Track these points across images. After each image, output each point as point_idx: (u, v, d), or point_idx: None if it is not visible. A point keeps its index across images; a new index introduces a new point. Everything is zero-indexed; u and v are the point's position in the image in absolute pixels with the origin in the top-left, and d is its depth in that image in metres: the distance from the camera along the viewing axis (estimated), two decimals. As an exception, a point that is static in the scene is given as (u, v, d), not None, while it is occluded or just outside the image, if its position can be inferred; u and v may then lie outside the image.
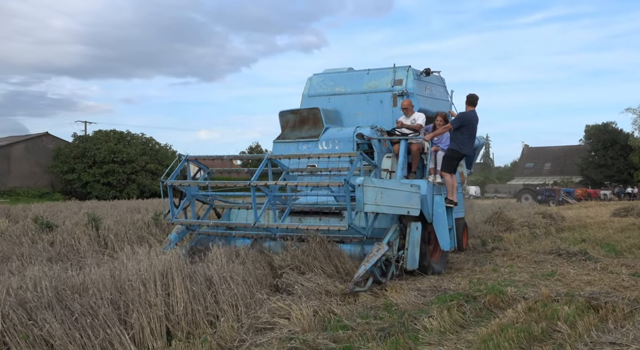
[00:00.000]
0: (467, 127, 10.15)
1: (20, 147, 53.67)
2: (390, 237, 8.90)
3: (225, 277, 7.22)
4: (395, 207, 8.78)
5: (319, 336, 6.03)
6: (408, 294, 8.00)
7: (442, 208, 9.95)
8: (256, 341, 5.97)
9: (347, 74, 12.13)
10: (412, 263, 9.16)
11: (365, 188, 7.96)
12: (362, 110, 11.56)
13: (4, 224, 13.97)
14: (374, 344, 5.85)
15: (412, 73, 11.25)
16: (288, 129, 11.48)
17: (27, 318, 5.29)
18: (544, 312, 6.93)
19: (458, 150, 10.13)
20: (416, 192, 9.21)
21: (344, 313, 7.06)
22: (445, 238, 9.92)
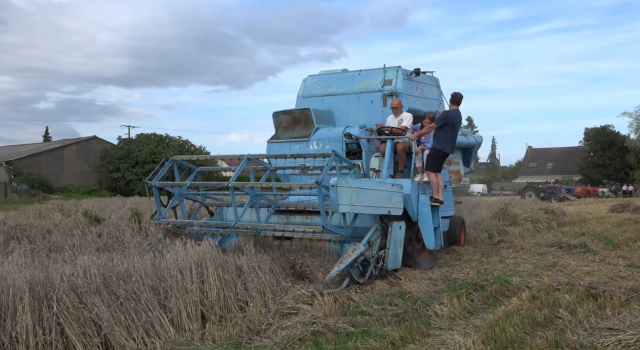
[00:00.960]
0: (449, 126, 9.33)
1: (72, 149, 54.54)
2: (370, 236, 8.21)
3: (254, 267, 7.24)
4: (375, 207, 8.09)
5: (339, 321, 6.02)
6: (420, 283, 7.95)
7: (427, 207, 9.14)
8: (282, 325, 5.98)
9: (339, 75, 11.43)
10: (394, 262, 8.41)
11: (339, 188, 7.33)
12: (354, 110, 10.86)
13: (57, 218, 14.17)
14: (390, 328, 5.83)
15: (402, 73, 10.51)
16: (281, 129, 10.88)
17: (78, 302, 5.34)
18: (546, 300, 6.86)
19: (441, 149, 9.33)
20: (398, 192, 8.46)
21: (361, 300, 7.04)
22: (430, 237, 9.11)
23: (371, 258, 8.03)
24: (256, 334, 5.75)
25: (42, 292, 5.20)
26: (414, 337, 5.58)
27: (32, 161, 52.27)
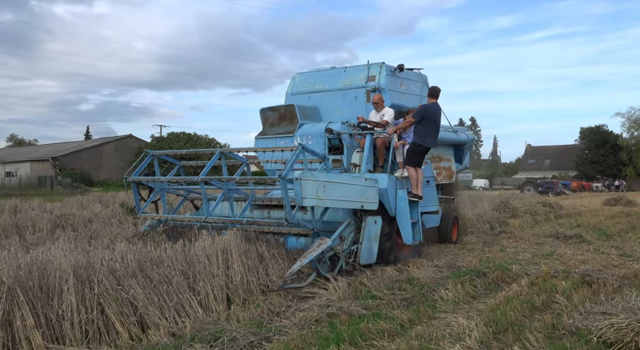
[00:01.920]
0: (428, 120, 8.48)
1: (110, 147, 55.25)
2: (342, 231, 7.51)
3: (274, 254, 7.25)
4: (345, 201, 7.42)
5: (352, 304, 6.01)
6: (427, 270, 7.91)
7: (405, 202, 8.41)
8: (300, 307, 5.99)
9: (326, 72, 10.57)
10: (368, 257, 7.76)
11: (303, 182, 6.65)
12: (339, 106, 10.02)
13: (97, 208, 14.32)
14: (399, 311, 5.81)
15: (385, 69, 9.63)
16: (268, 125, 10.15)
17: (116, 284, 5.39)
18: (544, 286, 6.79)
19: (420, 143, 8.48)
20: (373, 186, 7.81)
21: (372, 285, 7.02)
22: (408, 232, 8.38)
23: (341, 253, 7.32)
24: (276, 315, 5.77)
25: (84, 275, 5.25)
26: (421, 319, 5.56)
27: (74, 157, 53.08)
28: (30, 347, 4.36)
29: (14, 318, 4.45)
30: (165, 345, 4.63)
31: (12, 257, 5.43)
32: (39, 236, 10.37)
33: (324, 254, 6.98)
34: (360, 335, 4.94)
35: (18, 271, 4.95)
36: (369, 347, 4.74)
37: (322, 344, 4.72)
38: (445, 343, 4.74)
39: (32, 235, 10.59)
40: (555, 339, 4.93)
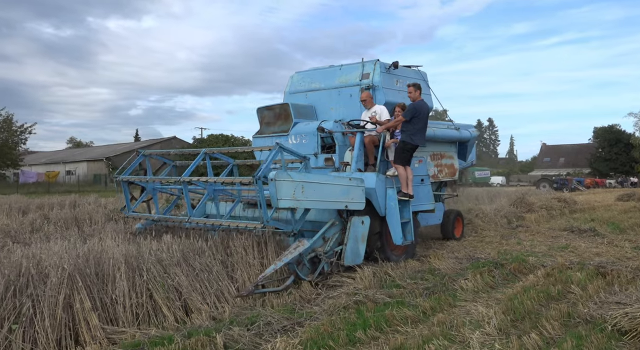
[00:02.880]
0: (418, 118, 7.72)
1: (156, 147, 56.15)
2: (325, 232, 6.79)
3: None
4: (327, 202, 6.67)
5: (377, 292, 5.97)
6: (448, 261, 7.80)
7: (395, 201, 7.58)
8: (329, 295, 5.98)
9: (322, 70, 9.75)
10: (353, 258, 6.95)
11: (278, 182, 5.98)
12: (335, 104, 9.22)
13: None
14: (421, 299, 5.74)
15: (379, 66, 8.77)
16: (264, 124, 9.42)
17: (163, 272, 5.47)
18: (559, 277, 6.61)
19: (409, 141, 7.70)
20: (358, 186, 7.02)
21: (396, 275, 6.96)
22: (398, 232, 7.54)
23: (322, 255, 6.57)
24: (307, 302, 5.77)
25: (134, 264, 5.35)
26: (443, 307, 5.48)
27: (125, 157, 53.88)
28: (88, 327, 4.47)
29: (74, 301, 4.57)
30: (206, 328, 4.68)
31: (71, 247, 5.58)
32: (94, 228, 10.63)
33: (302, 256, 6.30)
34: (385, 321, 4.90)
35: (77, 260, 5.08)
36: (394, 332, 4.70)
37: (349, 328, 4.71)
38: (466, 329, 4.66)
39: (89, 227, 10.86)
40: (571, 327, 4.80)
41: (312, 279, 6.40)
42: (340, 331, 4.62)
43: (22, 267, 4.65)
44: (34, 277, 4.61)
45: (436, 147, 9.69)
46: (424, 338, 4.43)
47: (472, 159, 11.74)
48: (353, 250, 6.96)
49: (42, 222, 11.17)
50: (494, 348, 4.20)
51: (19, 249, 5.34)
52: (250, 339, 4.47)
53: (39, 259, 4.97)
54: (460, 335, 4.55)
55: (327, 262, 6.65)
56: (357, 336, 4.53)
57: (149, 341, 4.32)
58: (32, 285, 4.52)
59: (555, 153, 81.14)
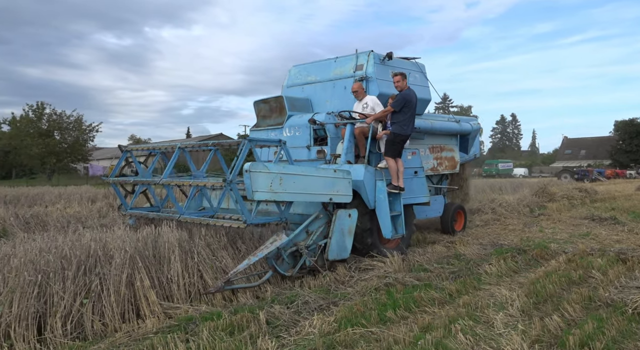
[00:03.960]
0: (408, 107, 6.96)
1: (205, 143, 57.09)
2: (308, 225, 6.10)
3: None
4: (309, 194, 5.94)
5: (406, 276, 5.90)
6: (472, 247, 7.64)
7: (384, 194, 6.83)
8: (361, 277, 5.95)
9: (318, 63, 8.90)
10: (339, 252, 6.29)
11: (253, 174, 5.28)
12: (330, 97, 8.43)
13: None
14: (448, 282, 5.64)
15: (373, 57, 7.94)
16: (260, 117, 8.70)
17: (211, 255, 5.56)
18: (581, 263, 6.36)
19: (399, 132, 6.94)
20: (344, 178, 6.31)
21: (424, 260, 6.86)
22: (387, 225, 6.79)
23: (304, 249, 5.89)
24: (341, 284, 5.76)
25: (187, 247, 5.46)
26: (468, 290, 5.37)
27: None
28: (147, 303, 4.60)
29: (135, 279, 4.71)
30: (251, 306, 4.75)
31: (132, 232, 5.75)
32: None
33: (281, 251, 5.67)
34: (413, 302, 4.84)
35: (137, 243, 5.23)
36: (422, 312, 4.64)
37: (380, 308, 4.67)
38: (490, 311, 4.55)
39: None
40: (592, 310, 4.61)
41: (292, 274, 5.75)
42: (372, 311, 4.59)
43: (90, 249, 4.83)
44: (101, 258, 4.78)
45: (435, 139, 9.04)
46: (450, 318, 4.35)
47: (476, 152, 10.90)
48: (338, 244, 6.30)
49: (108, 210, 11.57)
50: (517, 328, 4.09)
51: (88, 233, 5.54)
52: (289, 316, 4.51)
53: (105, 242, 5.14)
54: (485, 316, 4.45)
55: (308, 256, 5.94)
56: (388, 315, 4.50)
57: (200, 316, 4.41)
58: (99, 265, 4.69)
59: (576, 145, 77.95)
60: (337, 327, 4.20)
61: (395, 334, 3.98)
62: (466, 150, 10.00)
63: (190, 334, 4.00)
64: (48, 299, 4.18)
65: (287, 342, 3.96)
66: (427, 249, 7.54)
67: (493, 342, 3.87)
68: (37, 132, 36.64)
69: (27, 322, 3.90)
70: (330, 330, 4.13)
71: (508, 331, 4.08)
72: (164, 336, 3.90)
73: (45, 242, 4.99)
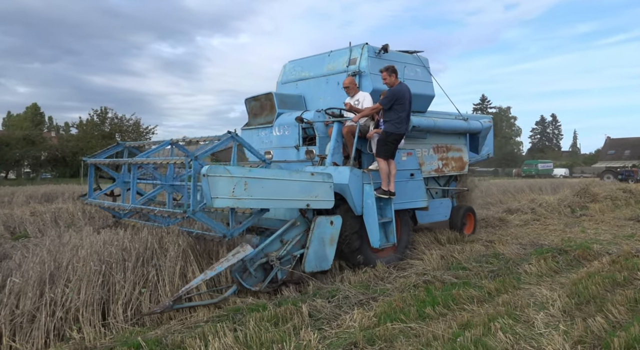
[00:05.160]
0: (400, 104, 6.11)
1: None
2: (282, 233, 5.30)
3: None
4: (280, 200, 5.12)
5: (445, 273, 5.78)
6: (511, 247, 7.37)
7: (372, 199, 6.00)
8: (400, 274, 5.87)
9: (312, 58, 7.99)
10: (317, 263, 5.48)
11: (212, 179, 4.52)
12: (323, 93, 7.50)
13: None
14: (486, 281, 5.47)
15: (367, 51, 7.06)
16: (251, 115, 7.88)
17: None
18: (625, 264, 6.00)
19: (392, 131, 6.11)
20: (324, 182, 5.47)
21: (462, 258, 6.68)
22: (375, 233, 5.96)
23: (275, 260, 5.10)
24: (380, 280, 5.71)
25: (231, 243, 5.54)
26: (507, 289, 5.19)
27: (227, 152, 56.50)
28: (199, 293, 4.73)
29: (187, 271, 4.86)
30: (294, 299, 4.79)
31: (185, 227, 5.93)
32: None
33: (246, 263, 4.91)
34: (452, 299, 4.73)
35: (189, 238, 5.40)
36: (460, 310, 4.52)
37: (419, 305, 4.59)
38: (530, 310, 4.38)
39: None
40: (638, 312, 4.34)
41: (260, 288, 4.95)
42: (411, 307, 4.52)
43: (147, 243, 5.03)
44: (157, 251, 4.96)
45: (440, 139, 8.13)
46: (489, 316, 4.22)
47: (489, 152, 9.88)
48: (317, 254, 5.48)
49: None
50: (559, 329, 3.91)
51: (145, 228, 5.77)
52: (331, 310, 4.51)
53: (161, 236, 5.33)
54: (525, 315, 4.28)
55: (280, 268, 5.15)
56: (427, 312, 4.42)
57: (246, 307, 4.50)
58: (155, 257, 4.87)
59: (620, 146, 73.53)
60: (376, 321, 4.17)
61: (434, 330, 3.91)
62: (476, 149, 9.01)
63: (238, 324, 4.08)
64: (111, 287, 4.39)
65: (329, 334, 3.97)
66: (465, 247, 7.35)
67: (534, 342, 3.72)
68: (101, 134, 38.66)
69: (93, 308, 4.11)
70: (370, 324, 4.11)
71: (549, 331, 3.91)
72: (214, 325, 4.00)
73: (108, 236, 5.24)
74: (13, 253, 5.74)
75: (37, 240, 7.29)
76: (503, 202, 14.26)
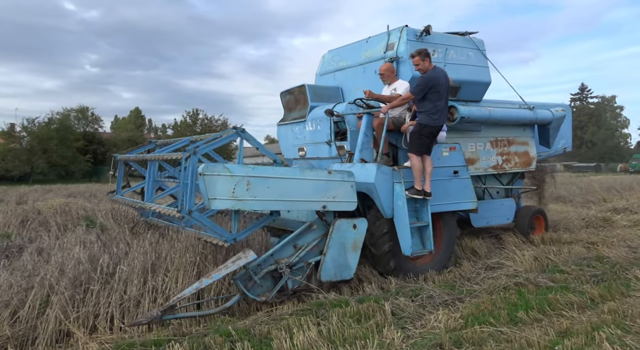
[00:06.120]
0: (436, 92, 5.32)
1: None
2: (295, 237, 4.84)
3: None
4: (292, 202, 4.62)
5: (539, 276, 5.37)
6: (618, 250, 6.64)
7: (403, 200, 5.32)
8: (488, 275, 5.57)
9: (350, 46, 7.26)
10: (337, 272, 4.92)
11: (209, 178, 4.14)
12: (360, 83, 6.76)
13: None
14: (588, 286, 4.99)
15: (406, 34, 6.29)
16: (287, 110, 7.38)
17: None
18: None
19: (426, 123, 5.36)
20: (344, 181, 4.86)
21: (560, 260, 6.16)
22: (407, 239, 5.29)
23: (284, 268, 4.64)
24: (467, 280, 5.47)
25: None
26: (614, 296, 4.68)
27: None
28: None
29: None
30: (376, 297, 4.76)
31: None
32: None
33: (250, 271, 4.48)
34: (548, 304, 4.39)
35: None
36: (558, 316, 4.18)
37: (510, 308, 4.32)
38: (642, 321, 3.91)
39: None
40: None
41: (266, 298, 4.53)
42: (501, 310, 4.27)
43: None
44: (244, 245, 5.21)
45: (499, 131, 7.19)
46: (593, 325, 3.84)
47: (566, 145, 8.62)
48: (336, 262, 4.91)
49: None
50: (680, 344, 3.45)
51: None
52: (414, 309, 4.41)
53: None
54: (636, 326, 3.84)
55: (290, 277, 4.67)
56: (519, 316, 4.14)
57: (329, 303, 4.55)
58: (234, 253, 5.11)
59: None
60: (463, 323, 3.99)
61: (527, 336, 3.65)
62: (547, 142, 7.87)
63: (321, 318, 4.15)
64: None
65: (413, 334, 3.88)
66: (562, 248, 6.77)
67: (648, 356, 3.33)
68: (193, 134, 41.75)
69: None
70: (456, 326, 3.95)
71: (667, 345, 3.46)
72: (298, 318, 4.11)
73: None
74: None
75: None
76: (607, 201, 12.93)
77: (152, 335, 3.83)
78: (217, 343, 3.65)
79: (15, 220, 8.04)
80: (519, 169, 7.52)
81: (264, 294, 4.55)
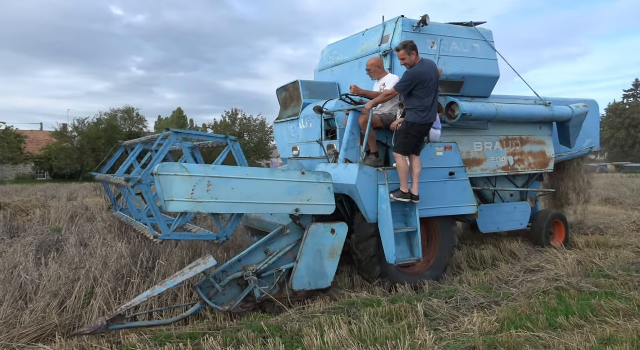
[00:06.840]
0: (423, 88, 4.85)
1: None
2: (267, 242, 4.52)
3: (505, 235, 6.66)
4: (260, 204, 4.25)
5: (582, 281, 5.13)
6: (671, 255, 6.25)
7: (387, 204, 4.87)
8: (527, 279, 5.38)
9: (348, 39, 6.82)
10: (311, 280, 4.59)
11: (164, 178, 3.83)
12: (356, 79, 6.25)
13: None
14: (636, 293, 4.72)
15: (402, 25, 5.79)
16: (282, 107, 7.05)
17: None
18: None
19: (415, 121, 4.88)
20: (320, 183, 4.50)
21: (605, 265, 5.86)
22: (390, 246, 4.83)
23: (251, 276, 4.34)
24: (504, 283, 5.31)
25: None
26: (664, 303, 4.42)
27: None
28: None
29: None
30: (409, 297, 4.71)
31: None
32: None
33: (210, 278, 4.21)
34: (591, 310, 4.19)
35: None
36: (601, 323, 3.98)
37: (550, 313, 4.16)
38: (696, 331, 3.67)
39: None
40: None
41: (230, 308, 4.22)
42: (540, 315, 4.12)
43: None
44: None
45: (510, 129, 6.64)
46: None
47: (592, 145, 7.90)
48: (310, 270, 4.57)
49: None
50: None
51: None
52: (448, 311, 4.33)
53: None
54: (689, 337, 3.60)
55: (256, 286, 4.36)
56: (559, 322, 3.98)
57: (361, 302, 4.55)
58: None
59: None
60: (499, 327, 3.88)
61: (567, 342, 3.51)
62: (568, 141, 7.18)
63: (353, 317, 4.15)
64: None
65: (446, 336, 3.81)
66: (609, 253, 6.44)
67: (700, 369, 3.12)
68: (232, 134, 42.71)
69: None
70: (491, 329, 3.85)
71: None
72: (330, 316, 4.12)
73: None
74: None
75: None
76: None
77: (188, 329, 3.95)
78: (249, 338, 3.73)
79: (66, 216, 8.52)
80: (534, 170, 6.90)
81: (227, 303, 4.27)
